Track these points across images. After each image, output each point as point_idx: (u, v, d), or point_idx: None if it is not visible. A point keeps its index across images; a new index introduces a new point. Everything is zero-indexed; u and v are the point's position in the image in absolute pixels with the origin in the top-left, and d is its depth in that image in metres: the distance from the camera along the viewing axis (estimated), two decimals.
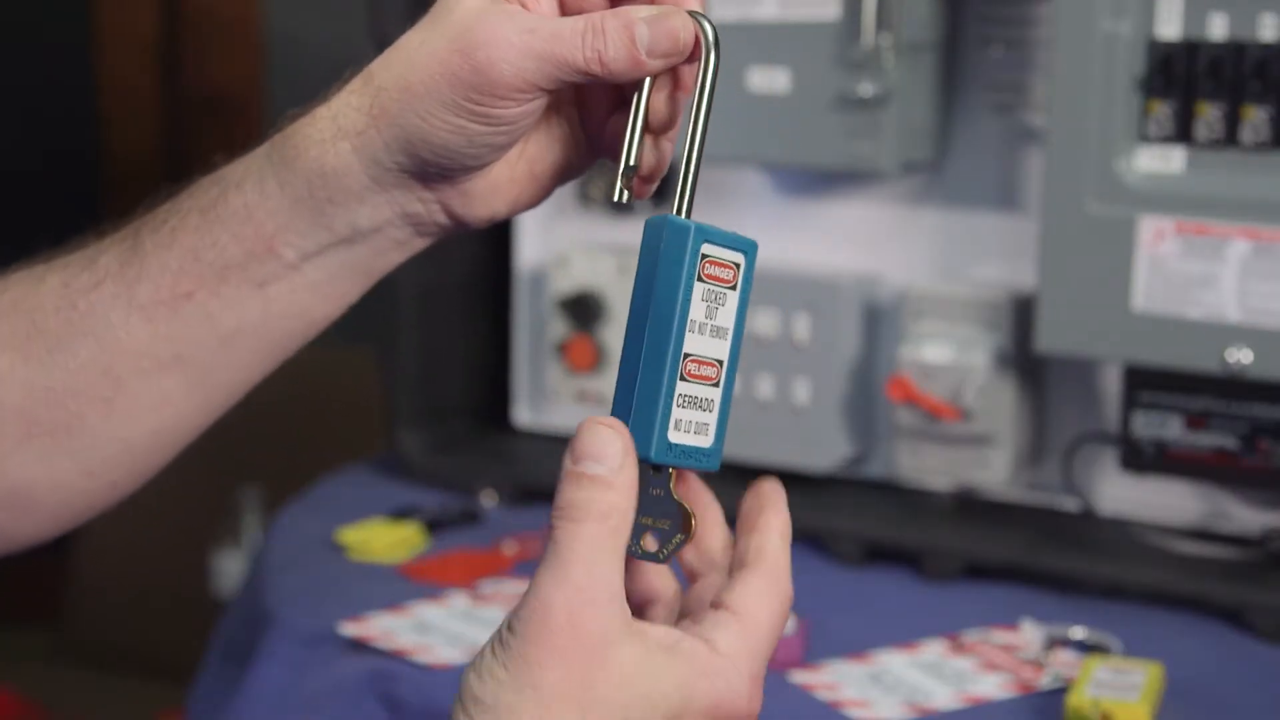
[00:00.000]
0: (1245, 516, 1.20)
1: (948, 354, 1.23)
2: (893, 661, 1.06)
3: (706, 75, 0.70)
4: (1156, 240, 1.12)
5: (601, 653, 0.63)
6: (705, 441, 0.67)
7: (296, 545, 1.29)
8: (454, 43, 0.71)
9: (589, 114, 0.77)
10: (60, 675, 2.51)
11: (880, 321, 1.30)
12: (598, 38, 0.70)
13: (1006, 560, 1.20)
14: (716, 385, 0.67)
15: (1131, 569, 1.17)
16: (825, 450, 1.29)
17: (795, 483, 1.31)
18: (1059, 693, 1.01)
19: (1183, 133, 1.12)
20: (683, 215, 0.68)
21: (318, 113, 0.75)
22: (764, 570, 0.68)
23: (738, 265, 0.68)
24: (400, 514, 1.31)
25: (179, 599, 2.44)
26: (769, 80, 1.25)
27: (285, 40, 2.89)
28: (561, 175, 0.78)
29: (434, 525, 1.30)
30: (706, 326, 0.67)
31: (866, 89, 1.21)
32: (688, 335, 0.66)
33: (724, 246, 0.67)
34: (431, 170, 0.74)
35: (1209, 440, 1.15)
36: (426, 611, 1.13)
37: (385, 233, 0.77)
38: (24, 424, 0.78)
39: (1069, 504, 1.27)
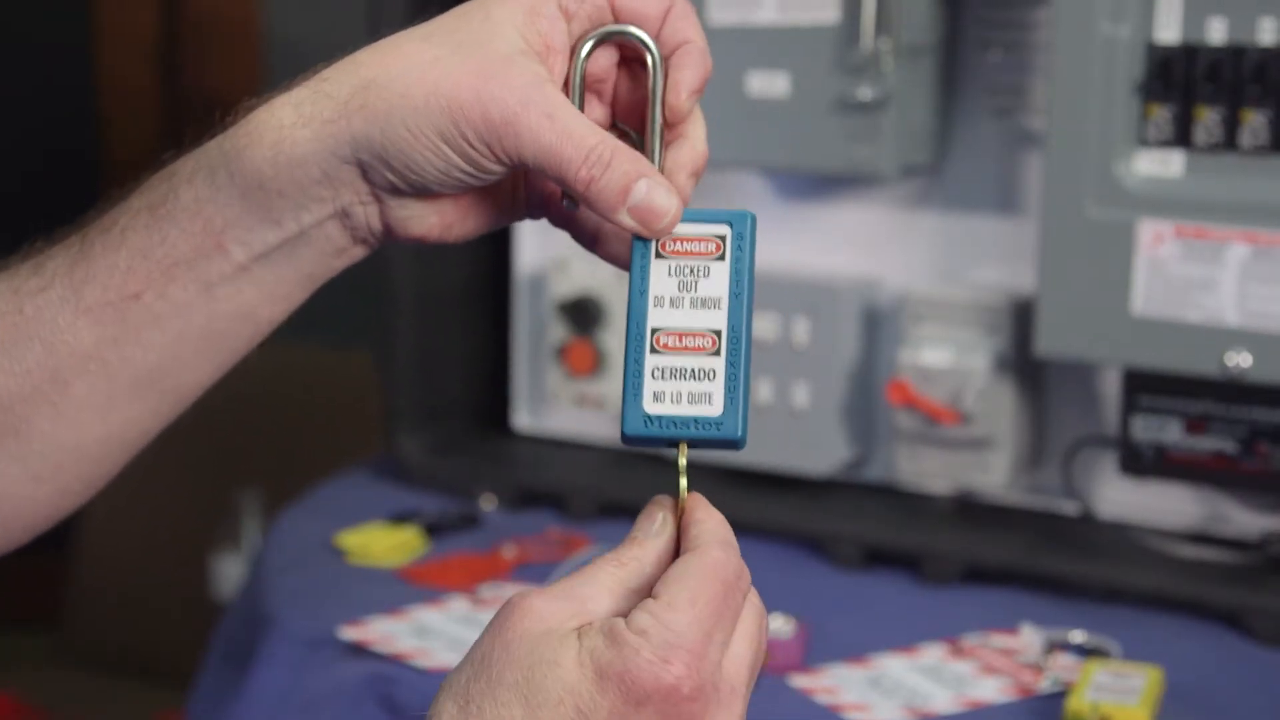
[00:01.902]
0: (1244, 520, 1.20)
1: (947, 357, 1.23)
2: (892, 665, 1.06)
3: (657, 86, 0.72)
4: (1156, 244, 1.12)
5: (519, 626, 0.63)
6: (709, 410, 0.68)
7: (296, 549, 1.29)
8: (475, 82, 0.69)
9: (534, 178, 0.77)
10: (60, 677, 2.51)
11: (880, 325, 1.30)
12: (600, 168, 0.69)
13: (1006, 564, 1.20)
14: (717, 354, 0.68)
15: (1131, 572, 1.17)
16: (824, 453, 1.29)
17: (794, 486, 1.31)
18: (1058, 696, 1.01)
19: (1182, 136, 1.12)
20: None
21: (276, 101, 0.74)
22: (683, 558, 0.67)
23: (721, 237, 0.69)
24: (399, 518, 1.31)
25: (179, 602, 2.44)
26: (768, 84, 1.25)
27: (285, 42, 2.89)
28: (493, 222, 0.77)
29: (433, 529, 1.30)
30: (684, 300, 0.68)
31: (866, 93, 1.21)
32: (652, 310, 0.68)
33: (696, 223, 0.69)
34: (388, 177, 0.72)
35: (1208, 444, 1.15)
36: (426, 615, 1.13)
37: (325, 231, 0.75)
38: None
39: (1068, 507, 1.27)
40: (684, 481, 0.68)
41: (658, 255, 0.68)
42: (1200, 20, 1.10)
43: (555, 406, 1.43)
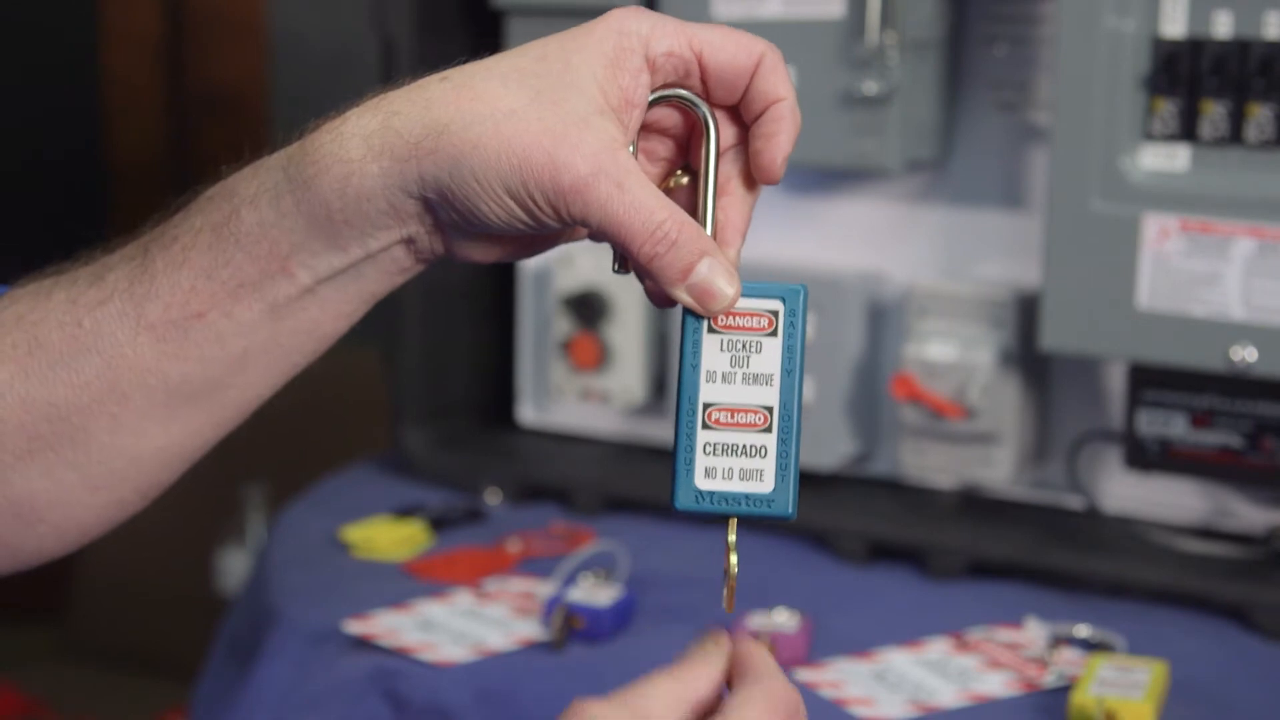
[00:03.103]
0: (1249, 514, 1.20)
1: (952, 352, 1.23)
2: (897, 659, 1.06)
3: (711, 150, 0.72)
4: (1161, 238, 1.12)
5: None
6: (761, 487, 0.69)
7: (301, 543, 1.29)
8: (548, 143, 0.69)
9: None
10: (65, 672, 2.51)
11: (884, 319, 1.30)
12: (666, 245, 0.69)
13: (1011, 558, 1.20)
14: (768, 430, 0.69)
15: (1136, 567, 1.17)
16: (830, 448, 1.29)
17: (800, 481, 1.31)
18: (1063, 691, 1.01)
19: (1187, 131, 1.12)
20: None
21: (344, 130, 0.73)
22: (749, 678, 0.68)
23: (774, 313, 0.69)
24: (404, 512, 1.31)
25: (183, 597, 2.44)
26: None
27: (289, 38, 2.89)
28: (554, 245, 0.78)
29: (438, 523, 1.30)
30: (735, 375, 0.69)
31: (871, 87, 1.21)
32: (704, 385, 0.68)
33: (748, 297, 0.69)
34: (453, 218, 0.72)
35: (1213, 438, 1.15)
36: (431, 609, 1.13)
37: (391, 254, 0.75)
38: (24, 438, 0.77)
39: (1073, 502, 1.27)
40: (734, 558, 0.69)
41: (710, 330, 0.69)
42: (1206, 14, 1.10)
43: (560, 401, 1.43)
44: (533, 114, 0.69)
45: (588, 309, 1.39)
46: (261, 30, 2.94)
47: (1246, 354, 1.10)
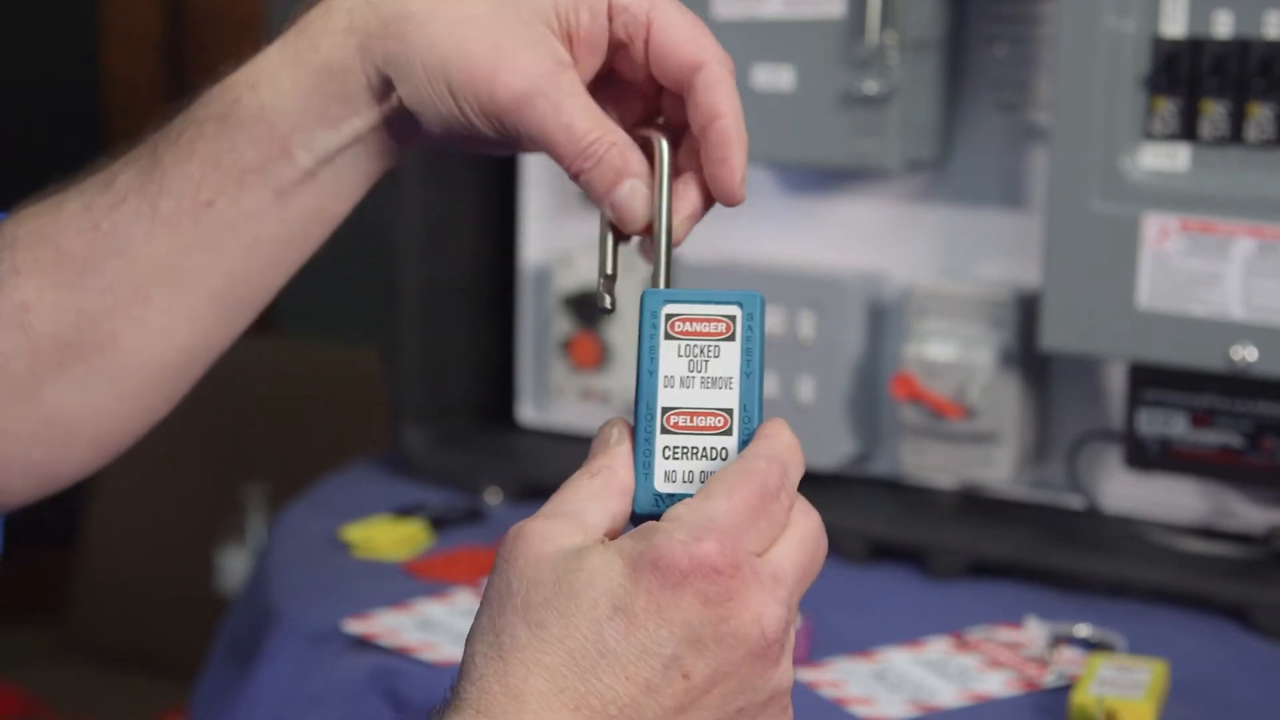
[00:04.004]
0: (1250, 514, 1.20)
1: (952, 352, 1.23)
2: (897, 659, 1.07)
3: (663, 174, 0.74)
4: (1161, 238, 1.12)
5: (529, 551, 0.63)
6: None
7: (301, 542, 1.29)
8: (493, 57, 0.72)
9: None
10: (65, 672, 2.51)
11: (885, 319, 1.30)
12: (592, 162, 0.72)
13: (1011, 558, 1.20)
14: (728, 433, 0.68)
15: (1136, 567, 1.17)
16: (830, 448, 1.29)
17: (800, 480, 1.31)
18: (1064, 690, 1.01)
19: (1187, 130, 1.12)
20: (658, 286, 0.72)
21: (331, 5, 0.77)
22: (735, 461, 0.66)
23: (731, 318, 0.69)
24: (405, 511, 1.31)
25: (183, 596, 2.44)
26: (774, 78, 1.25)
27: None
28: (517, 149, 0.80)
29: (438, 523, 1.30)
30: (694, 380, 0.68)
31: (871, 87, 1.21)
32: (662, 390, 0.68)
33: (705, 304, 0.69)
34: (407, 102, 0.75)
35: (1213, 438, 1.15)
36: (431, 609, 1.13)
37: (379, 136, 0.78)
38: (58, 349, 0.79)
39: (1073, 502, 1.27)
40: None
41: (667, 336, 0.68)
42: (1206, 14, 1.10)
43: (560, 400, 1.43)
44: (487, 23, 0.73)
45: (588, 308, 1.39)
46: (261, 30, 2.94)
47: (1247, 354, 1.10)
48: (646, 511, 0.67)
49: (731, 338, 0.69)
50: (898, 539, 1.24)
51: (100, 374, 0.79)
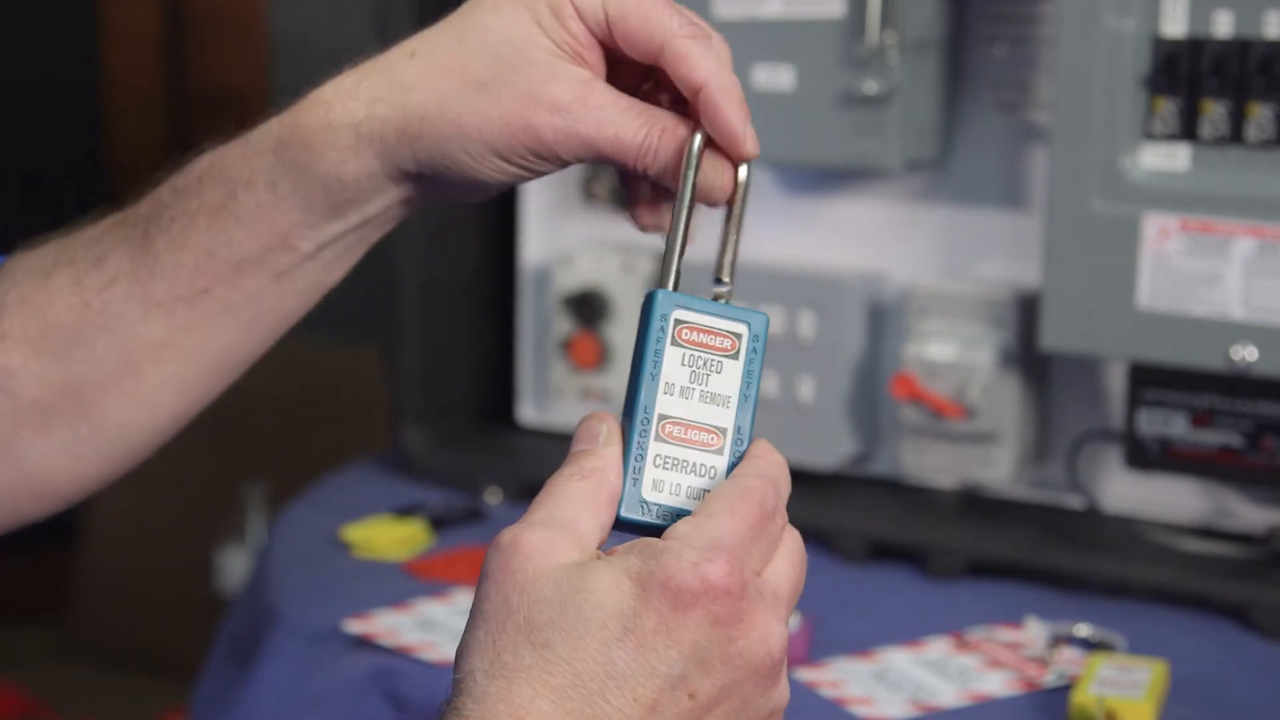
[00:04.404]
0: (1250, 514, 1.20)
1: (952, 352, 1.23)
2: (897, 659, 1.07)
3: (688, 173, 0.72)
4: (1161, 238, 1.12)
5: (528, 567, 0.62)
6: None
7: (301, 542, 1.29)
8: (524, 108, 0.72)
9: None
10: (64, 672, 2.51)
11: (885, 319, 1.30)
12: (651, 156, 0.72)
13: (1011, 558, 1.20)
14: (719, 452, 0.68)
15: (1136, 567, 1.17)
16: (830, 448, 1.29)
17: (800, 480, 1.30)
18: (1064, 690, 1.01)
19: (1188, 130, 1.12)
20: (668, 288, 0.70)
21: (332, 119, 0.75)
22: (729, 480, 0.67)
23: (737, 335, 0.68)
24: (405, 511, 1.31)
25: (183, 596, 2.44)
26: (774, 78, 1.25)
27: (289, 37, 2.90)
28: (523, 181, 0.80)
29: (438, 522, 1.30)
30: (694, 391, 0.68)
31: (871, 87, 1.21)
32: (662, 397, 0.67)
33: (714, 315, 0.69)
34: (449, 186, 0.76)
35: (1213, 438, 1.15)
36: (431, 609, 1.13)
37: (389, 213, 0.79)
38: (41, 414, 0.79)
39: (1074, 502, 1.27)
40: None
41: (674, 342, 0.68)
42: (1206, 13, 1.10)
43: (560, 400, 1.43)
44: (501, 82, 0.72)
45: (588, 308, 1.39)
46: (261, 30, 2.94)
47: (1247, 353, 1.10)
48: (630, 518, 0.66)
49: (735, 356, 0.69)
50: (898, 539, 1.24)
51: (84, 439, 0.80)
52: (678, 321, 0.68)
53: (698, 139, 0.73)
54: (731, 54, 1.27)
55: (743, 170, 0.74)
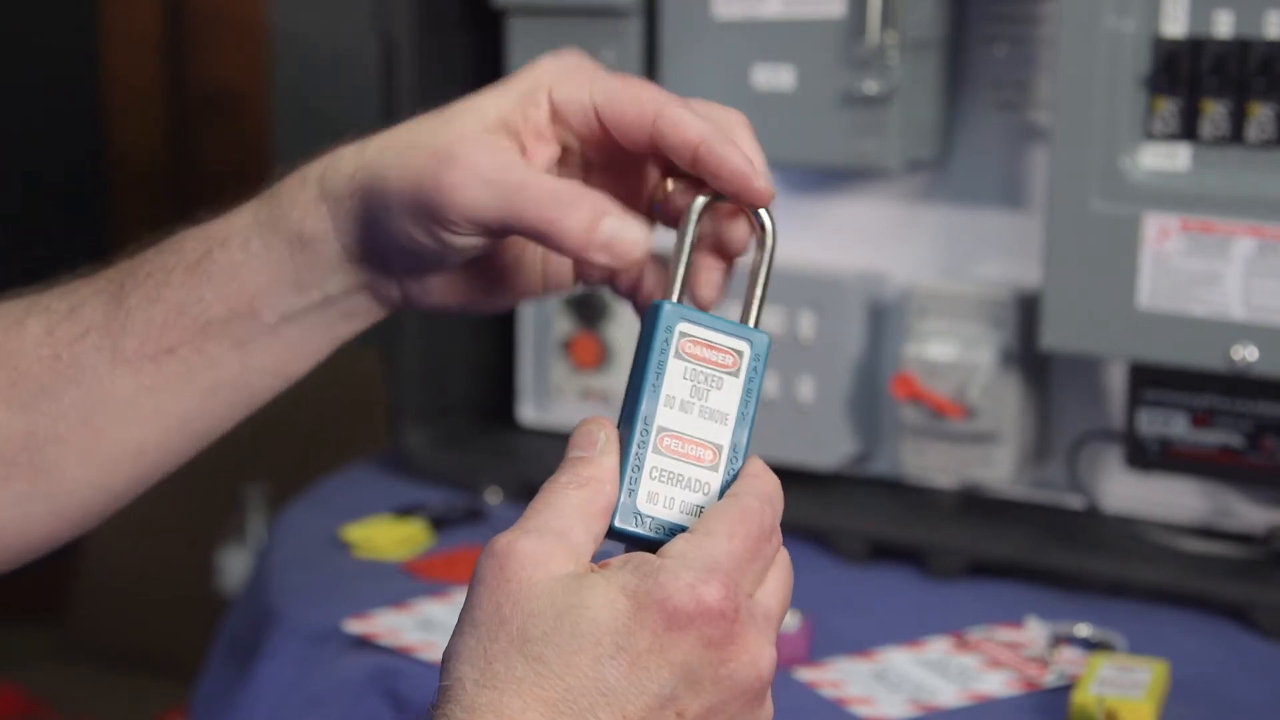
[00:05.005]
0: (1250, 514, 1.20)
1: (952, 352, 1.23)
2: (897, 659, 1.07)
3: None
4: (1161, 238, 1.12)
5: (522, 576, 0.62)
6: (693, 522, 0.67)
7: (301, 542, 1.29)
8: (434, 155, 0.72)
9: (551, 256, 0.78)
10: (64, 672, 2.51)
11: (885, 319, 1.30)
12: (562, 207, 0.70)
13: (1011, 558, 1.20)
14: (714, 469, 0.68)
15: (1136, 567, 1.17)
16: (830, 448, 1.29)
17: (800, 481, 1.31)
18: (1064, 690, 1.01)
19: (1188, 130, 1.12)
20: (673, 299, 0.69)
21: (307, 172, 0.77)
22: (723, 500, 0.67)
23: (739, 352, 0.69)
24: (405, 511, 1.31)
25: (184, 596, 2.44)
26: (774, 78, 1.25)
27: (289, 36, 2.90)
28: (521, 297, 0.79)
29: (439, 522, 1.30)
30: (694, 406, 0.68)
31: (871, 86, 1.21)
32: (662, 409, 0.67)
33: (717, 331, 0.69)
34: (392, 258, 0.75)
35: (1214, 438, 1.15)
36: (431, 609, 1.13)
37: (352, 300, 0.79)
38: (1, 465, 0.78)
39: (1074, 502, 1.27)
40: None
41: (678, 354, 0.68)
42: (1206, 13, 1.10)
43: (560, 400, 1.43)
44: (426, 138, 0.72)
45: (588, 308, 1.39)
46: (262, 29, 2.94)
47: (1247, 353, 1.10)
48: (624, 529, 0.66)
49: (736, 373, 0.69)
50: (898, 539, 1.24)
51: (39, 495, 0.79)
52: (682, 334, 0.68)
53: (700, 200, 0.71)
54: (732, 54, 1.27)
55: (767, 221, 0.72)
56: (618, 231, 0.70)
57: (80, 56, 3.06)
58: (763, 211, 0.72)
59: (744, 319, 0.71)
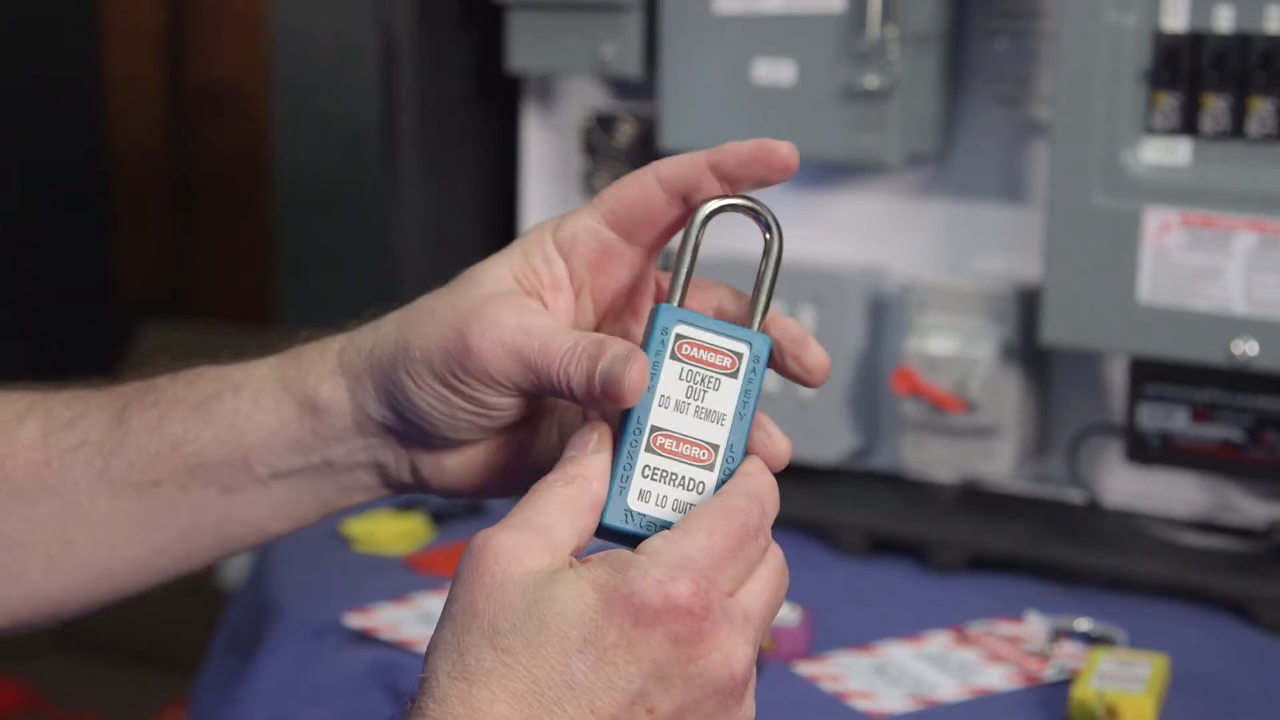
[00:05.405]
0: (1250, 508, 1.20)
1: (953, 346, 1.23)
2: (897, 653, 1.07)
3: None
4: (1162, 232, 1.12)
5: (496, 570, 0.62)
6: None
7: (301, 537, 1.28)
8: (458, 318, 0.71)
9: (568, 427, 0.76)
10: (65, 666, 2.51)
11: (885, 313, 1.30)
12: (572, 362, 0.68)
13: (1011, 552, 1.20)
14: (710, 468, 0.68)
15: (1137, 561, 1.17)
16: (830, 442, 1.29)
17: (800, 475, 1.31)
18: (1064, 684, 1.01)
19: (1188, 125, 1.12)
20: (674, 303, 0.69)
21: (330, 343, 0.76)
22: (714, 498, 0.66)
23: (738, 354, 0.68)
24: (405, 505, 1.31)
25: (184, 591, 2.43)
26: (774, 72, 1.25)
27: (289, 33, 2.90)
28: (538, 474, 0.77)
29: (439, 517, 1.30)
30: (689, 406, 0.68)
31: (872, 81, 1.21)
32: (656, 409, 0.67)
33: (715, 333, 0.69)
34: (412, 432, 0.74)
35: (1214, 432, 1.15)
36: (431, 603, 1.13)
37: (355, 474, 0.77)
38: None
39: (1074, 496, 1.27)
40: None
41: (673, 356, 0.68)
42: (1207, 8, 1.10)
43: None
44: (447, 303, 0.72)
45: None
46: (262, 25, 2.94)
47: (1248, 348, 1.10)
48: (614, 526, 0.66)
49: (734, 374, 0.69)
50: (898, 533, 1.24)
51: None
52: (679, 336, 0.68)
53: (707, 206, 0.70)
54: (733, 48, 1.27)
55: (773, 224, 0.71)
56: (611, 365, 0.67)
57: (80, 54, 3.07)
58: (768, 215, 0.72)
59: (749, 320, 0.70)
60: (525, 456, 0.75)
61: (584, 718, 0.61)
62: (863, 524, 1.24)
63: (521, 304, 0.71)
